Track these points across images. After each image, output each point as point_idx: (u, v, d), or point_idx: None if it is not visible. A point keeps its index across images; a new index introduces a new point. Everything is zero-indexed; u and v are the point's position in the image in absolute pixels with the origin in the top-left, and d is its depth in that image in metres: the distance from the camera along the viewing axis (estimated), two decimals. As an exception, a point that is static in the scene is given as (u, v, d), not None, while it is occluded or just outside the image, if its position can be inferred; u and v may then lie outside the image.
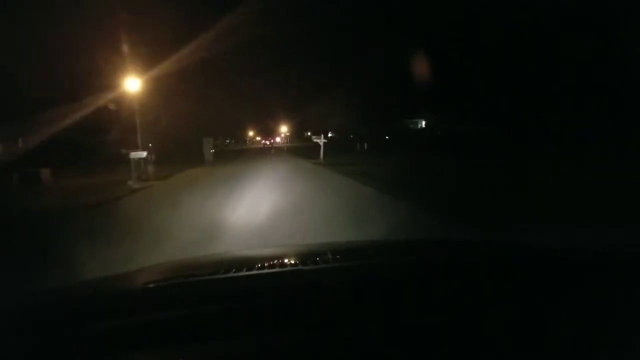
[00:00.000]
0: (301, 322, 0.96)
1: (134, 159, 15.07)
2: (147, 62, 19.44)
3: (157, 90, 23.73)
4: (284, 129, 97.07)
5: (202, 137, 28.50)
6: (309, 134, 64.06)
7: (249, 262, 1.38)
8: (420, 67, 33.09)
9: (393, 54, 46.17)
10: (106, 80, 18.84)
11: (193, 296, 1.08)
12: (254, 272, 1.21)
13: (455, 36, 38.98)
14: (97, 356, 0.89)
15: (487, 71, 32.85)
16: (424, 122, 56.52)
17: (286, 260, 1.35)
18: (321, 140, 24.73)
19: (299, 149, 44.95)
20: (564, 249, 1.49)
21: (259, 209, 7.97)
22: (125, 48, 16.90)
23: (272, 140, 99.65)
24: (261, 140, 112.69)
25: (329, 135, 54.10)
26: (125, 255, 4.84)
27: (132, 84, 16.74)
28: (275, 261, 1.32)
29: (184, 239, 5.68)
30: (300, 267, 1.28)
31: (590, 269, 1.27)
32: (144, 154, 15.93)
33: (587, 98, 24.40)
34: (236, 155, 39.63)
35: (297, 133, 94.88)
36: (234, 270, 1.22)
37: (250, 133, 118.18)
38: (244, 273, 1.21)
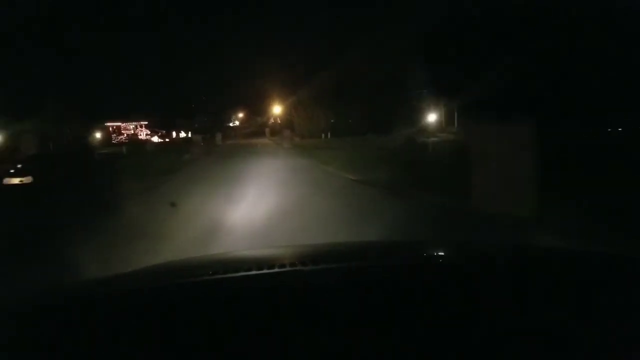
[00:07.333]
0: (301, 324, 0.93)
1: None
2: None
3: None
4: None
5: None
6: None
7: (248, 263, 1.35)
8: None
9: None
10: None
11: (190, 298, 1.06)
12: (252, 272, 1.19)
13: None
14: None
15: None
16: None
17: (286, 261, 1.32)
18: None
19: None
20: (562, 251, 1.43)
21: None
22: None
23: None
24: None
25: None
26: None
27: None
28: (275, 262, 1.30)
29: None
30: (300, 267, 1.25)
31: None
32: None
33: None
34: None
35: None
36: (233, 270, 1.21)
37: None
38: (242, 274, 1.19)
